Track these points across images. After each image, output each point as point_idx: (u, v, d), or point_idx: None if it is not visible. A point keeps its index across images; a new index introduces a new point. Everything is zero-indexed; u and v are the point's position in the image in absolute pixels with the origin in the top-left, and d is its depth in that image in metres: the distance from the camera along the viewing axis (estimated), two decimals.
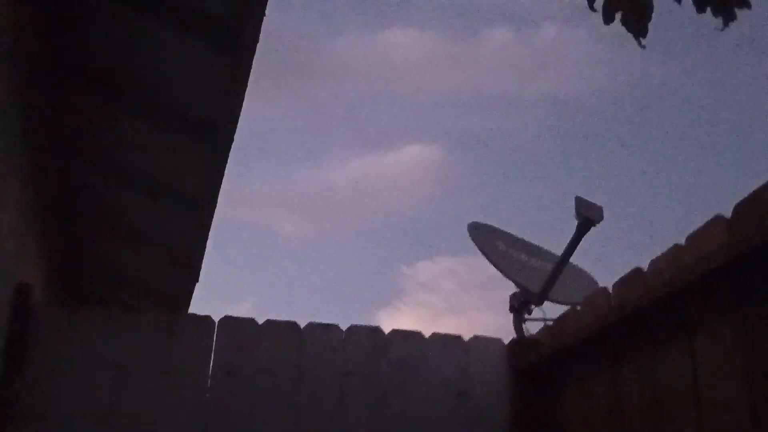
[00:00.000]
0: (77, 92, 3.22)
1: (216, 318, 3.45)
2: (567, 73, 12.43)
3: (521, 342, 3.72)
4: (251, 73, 2.71)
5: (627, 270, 2.83)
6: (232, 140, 3.08)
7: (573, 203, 4.40)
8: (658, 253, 2.66)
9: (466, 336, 3.64)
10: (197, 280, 4.22)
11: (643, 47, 1.74)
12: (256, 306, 14.65)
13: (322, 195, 14.55)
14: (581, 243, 4.58)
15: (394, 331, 3.56)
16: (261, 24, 2.47)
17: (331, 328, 3.52)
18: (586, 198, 4.46)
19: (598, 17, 1.71)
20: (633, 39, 1.70)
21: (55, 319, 3.36)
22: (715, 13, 1.71)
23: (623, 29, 1.68)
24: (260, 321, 3.49)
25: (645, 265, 2.73)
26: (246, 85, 2.74)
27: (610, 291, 2.93)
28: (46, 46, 2.90)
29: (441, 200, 14.98)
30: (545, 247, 5.41)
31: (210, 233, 3.83)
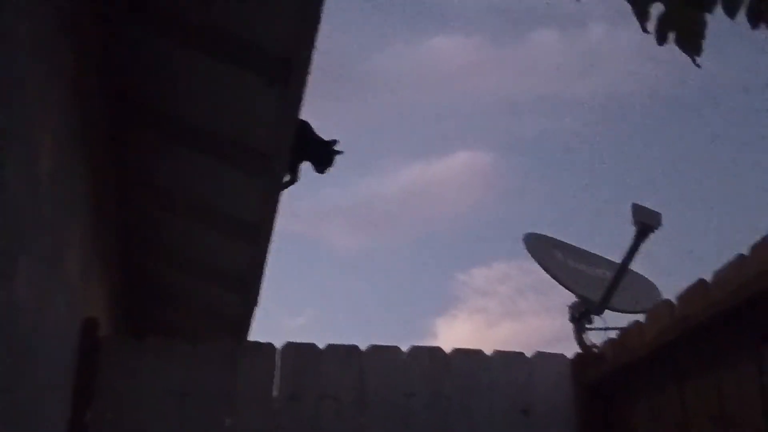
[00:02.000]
0: (137, 128, 3.28)
1: (277, 343, 3.49)
2: (617, 72, 12.30)
3: (585, 357, 3.68)
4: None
5: (688, 277, 2.79)
6: (286, 169, 3.12)
7: (629, 208, 4.37)
8: (721, 260, 2.62)
9: (528, 351, 3.62)
10: (257, 305, 4.27)
11: (698, 66, 1.71)
12: (312, 319, 14.73)
13: (373, 205, 14.58)
14: (640, 249, 4.54)
15: (456, 350, 3.55)
16: (311, 58, 2.50)
17: (391, 350, 3.53)
18: (643, 203, 4.43)
19: None
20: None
21: (122, 351, 3.43)
22: None
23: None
24: (319, 339, 3.51)
25: (707, 275, 2.69)
26: (298, 117, 2.78)
27: (674, 303, 2.90)
28: (103, 87, 2.97)
29: (493, 205, 14.92)
30: (603, 254, 5.37)
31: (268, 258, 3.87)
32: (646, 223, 4.23)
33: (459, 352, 3.56)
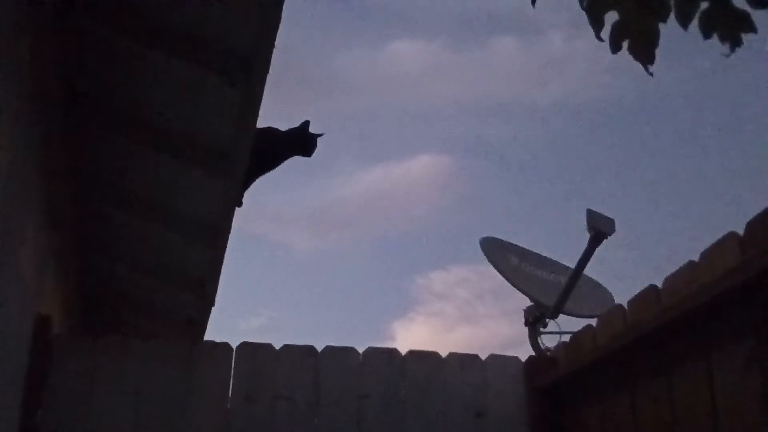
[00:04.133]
0: (95, 126, 3.25)
1: (233, 343, 3.48)
2: (576, 80, 12.44)
3: (538, 361, 3.72)
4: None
5: (640, 281, 2.83)
6: (243, 170, 3.11)
7: (585, 214, 4.44)
8: (672, 265, 2.66)
9: (483, 354, 3.64)
10: (213, 305, 4.25)
11: (651, 74, 1.74)
12: (270, 320, 14.69)
13: (333, 208, 14.58)
14: (594, 254, 4.61)
15: (411, 352, 3.57)
16: (270, 58, 2.50)
17: (348, 351, 3.54)
18: (597, 210, 4.50)
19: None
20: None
21: (75, 350, 3.39)
22: (722, 39, 1.72)
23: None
24: (277, 340, 3.52)
25: (659, 281, 2.73)
26: (257, 117, 2.78)
27: (626, 309, 2.94)
28: (61, 84, 2.94)
29: (452, 209, 15.00)
30: (557, 259, 5.44)
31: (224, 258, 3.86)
32: (600, 229, 4.31)
33: (414, 354, 3.57)
